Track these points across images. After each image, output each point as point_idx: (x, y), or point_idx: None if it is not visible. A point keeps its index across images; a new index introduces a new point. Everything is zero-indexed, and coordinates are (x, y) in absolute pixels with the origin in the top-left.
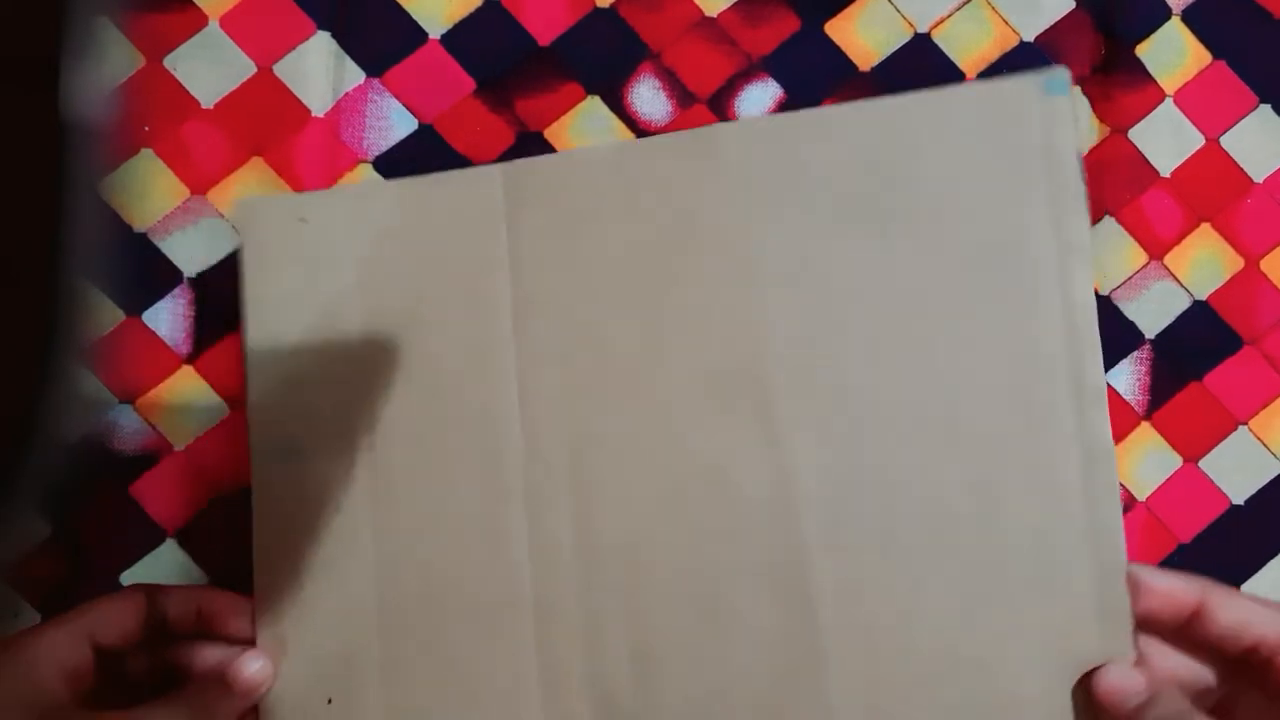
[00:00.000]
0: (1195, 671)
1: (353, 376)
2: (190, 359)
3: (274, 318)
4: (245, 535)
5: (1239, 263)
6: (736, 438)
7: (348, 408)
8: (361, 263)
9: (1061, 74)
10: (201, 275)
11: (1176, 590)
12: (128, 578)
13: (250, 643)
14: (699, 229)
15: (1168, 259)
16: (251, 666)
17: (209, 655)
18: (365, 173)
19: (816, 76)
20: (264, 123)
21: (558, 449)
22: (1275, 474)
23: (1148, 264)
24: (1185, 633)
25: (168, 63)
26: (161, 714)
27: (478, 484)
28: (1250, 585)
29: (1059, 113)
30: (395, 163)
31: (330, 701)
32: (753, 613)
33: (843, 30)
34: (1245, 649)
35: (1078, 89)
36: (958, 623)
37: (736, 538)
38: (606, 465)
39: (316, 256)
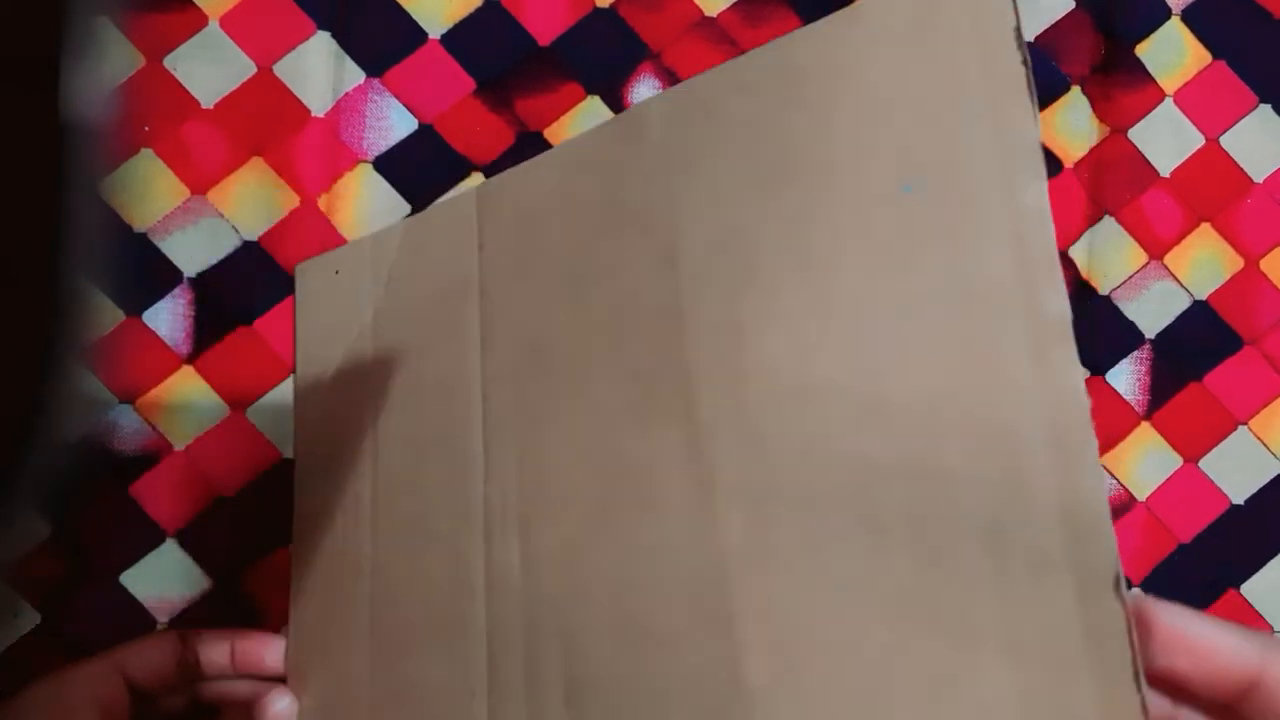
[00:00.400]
0: None
1: (363, 412)
2: (190, 359)
3: (316, 363)
4: (245, 535)
5: (1239, 263)
6: (660, 440)
7: (359, 441)
8: (375, 302)
9: None
10: (201, 275)
11: (1222, 648)
12: (127, 578)
13: (283, 680)
14: (624, 216)
15: (1168, 259)
16: (278, 704)
17: (240, 691)
18: (365, 173)
19: None
20: (264, 123)
21: (509, 466)
22: (1275, 474)
23: (1148, 264)
24: (1231, 712)
25: (168, 63)
26: None
27: (448, 509)
28: (1250, 585)
29: (994, 16)
30: (395, 163)
31: None
32: (676, 640)
33: None
34: None
35: (1078, 89)
36: (896, 648)
37: (658, 553)
38: (548, 480)
39: (346, 302)
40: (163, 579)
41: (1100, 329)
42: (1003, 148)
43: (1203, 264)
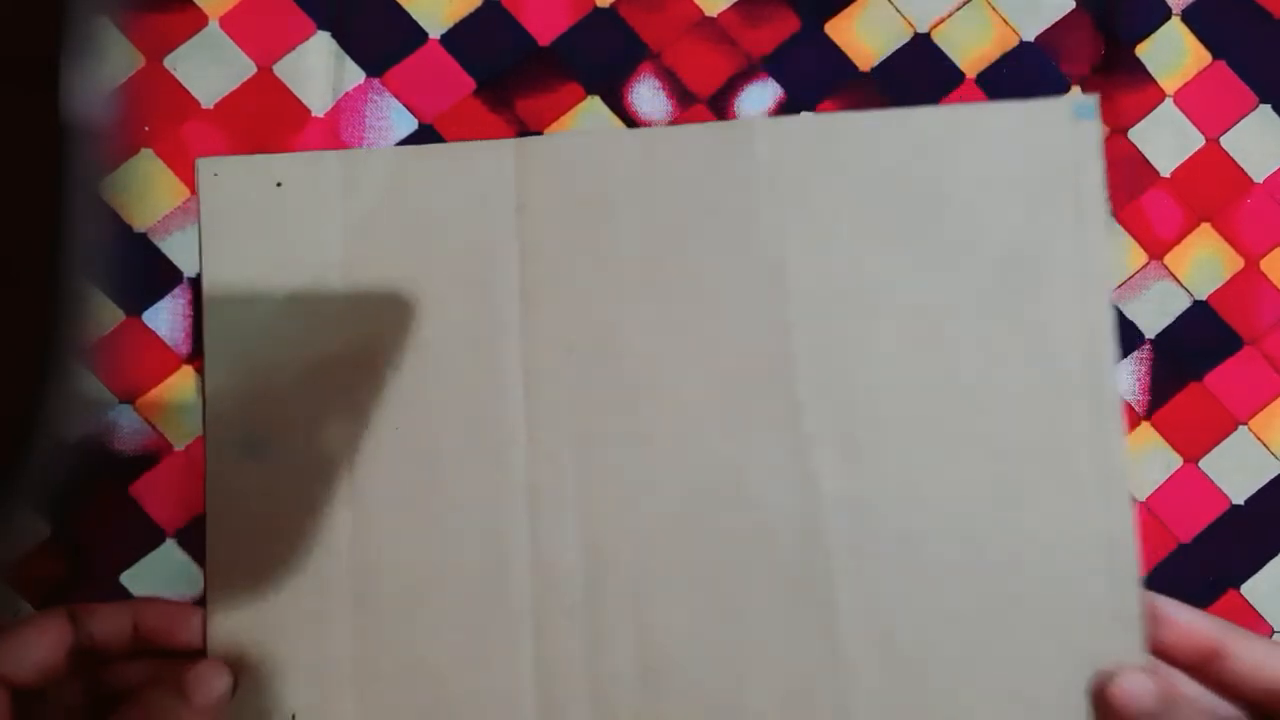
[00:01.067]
0: (1212, 702)
1: (332, 364)
2: (190, 359)
3: (238, 295)
4: None
5: (1239, 263)
6: (758, 444)
7: (324, 397)
8: (347, 236)
9: (1091, 100)
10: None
11: (1196, 627)
12: (127, 578)
13: (200, 654)
14: (724, 224)
15: (1168, 259)
16: (210, 676)
17: (155, 671)
18: None
19: (816, 76)
20: (264, 123)
21: (564, 446)
22: (1275, 474)
23: (1148, 264)
24: (1203, 671)
25: (168, 63)
26: None
27: (474, 481)
28: (1250, 585)
29: (1087, 137)
30: None
31: (294, 717)
32: (770, 622)
33: (843, 30)
34: (1263, 692)
35: (1078, 89)
36: (976, 628)
37: (756, 546)
38: (617, 466)
39: (293, 227)
40: (162, 579)
41: None
42: (1082, 267)
43: (1203, 264)
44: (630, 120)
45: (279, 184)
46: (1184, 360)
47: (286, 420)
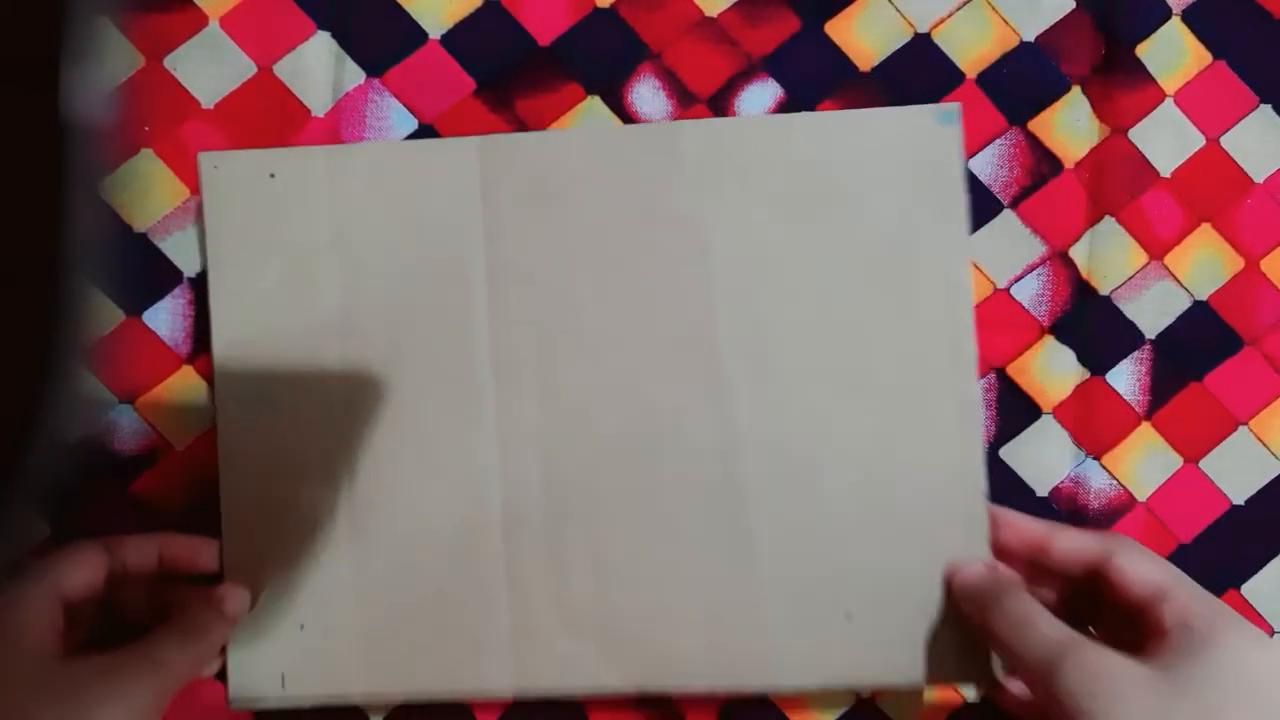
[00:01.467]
0: (1045, 597)
1: (326, 329)
2: (190, 359)
3: (240, 270)
4: None
5: (1239, 263)
6: (688, 392)
7: (321, 358)
8: (334, 221)
9: (953, 109)
10: (202, 275)
11: (1027, 526)
12: None
13: (218, 580)
14: (660, 212)
15: (1168, 259)
16: (235, 593)
17: (185, 591)
18: None
19: (816, 76)
20: (264, 123)
21: (528, 397)
22: (1275, 474)
23: (1148, 264)
24: (1034, 562)
25: (168, 63)
26: (162, 641)
27: (453, 426)
28: (1250, 585)
29: (950, 140)
30: None
31: (302, 627)
32: (696, 534)
33: (843, 30)
34: (1084, 569)
35: (1078, 89)
36: (860, 535)
37: (686, 474)
38: (573, 413)
39: (286, 211)
40: None
41: (1101, 329)
42: (944, 244)
43: (1203, 264)
44: (630, 120)
45: (272, 175)
46: (1184, 360)
47: (291, 378)
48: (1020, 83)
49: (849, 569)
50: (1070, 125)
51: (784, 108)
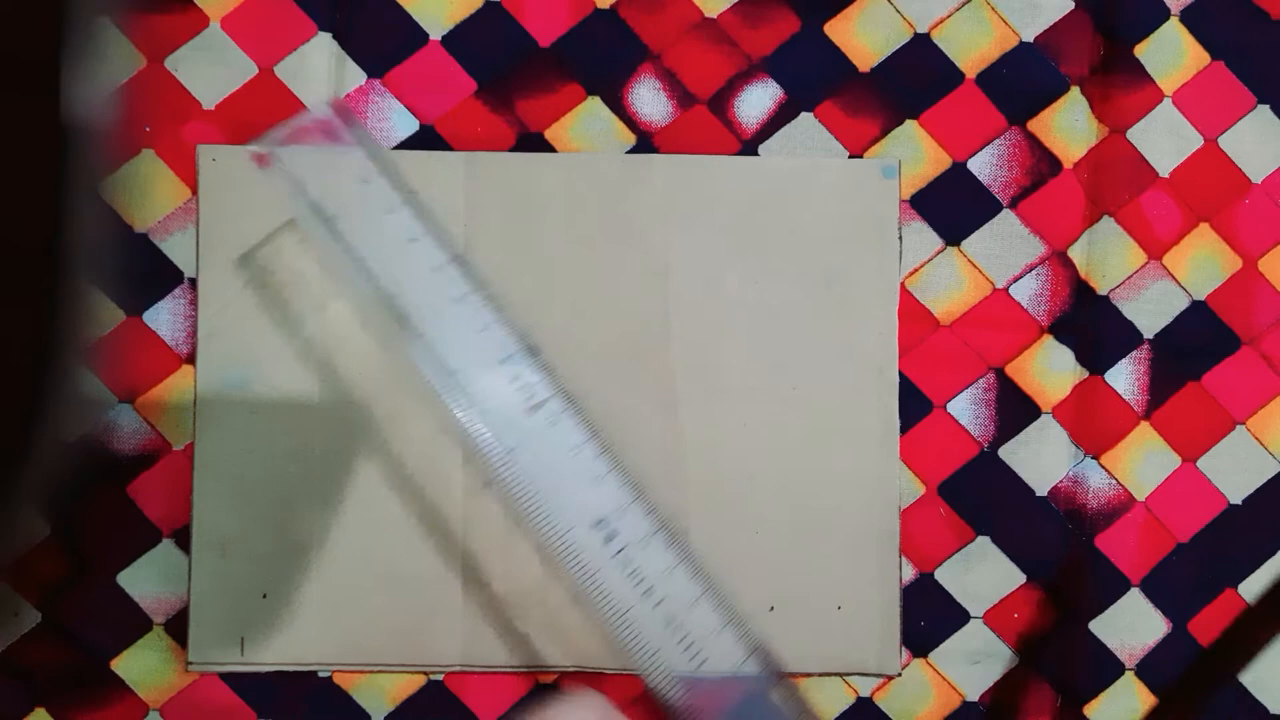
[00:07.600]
0: None
1: (308, 320)
2: (190, 359)
3: (231, 263)
4: None
5: (1237, 263)
6: (640, 403)
7: (302, 344)
8: (325, 222)
9: (894, 163)
10: None
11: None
12: (125, 578)
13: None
14: (628, 234)
15: (1166, 259)
16: None
17: None
18: None
19: (816, 77)
20: (265, 123)
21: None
22: (1274, 474)
23: (1146, 264)
24: None
25: (168, 63)
26: None
27: (419, 419)
28: (1248, 585)
29: (888, 191)
30: None
31: (265, 596)
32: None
33: (842, 31)
34: None
35: (1077, 89)
36: (790, 540)
37: (634, 480)
38: None
39: (274, 202)
40: (160, 579)
41: (1099, 329)
42: (879, 282)
43: (1201, 264)
44: (630, 121)
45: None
46: (1182, 360)
47: (268, 360)
48: (1019, 83)
49: (774, 566)
50: (1069, 125)
51: (784, 108)
